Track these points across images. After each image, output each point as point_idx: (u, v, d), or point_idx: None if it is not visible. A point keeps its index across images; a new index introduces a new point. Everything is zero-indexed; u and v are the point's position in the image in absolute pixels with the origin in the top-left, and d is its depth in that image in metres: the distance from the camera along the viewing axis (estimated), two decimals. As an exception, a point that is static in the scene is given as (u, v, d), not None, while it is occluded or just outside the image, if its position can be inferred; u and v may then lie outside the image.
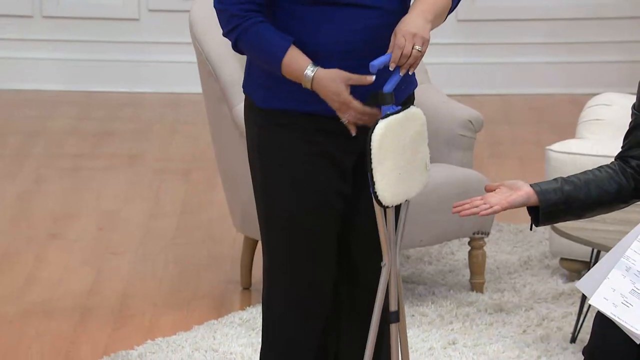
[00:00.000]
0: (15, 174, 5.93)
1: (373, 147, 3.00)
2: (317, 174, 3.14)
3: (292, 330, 3.24)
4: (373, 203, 3.08)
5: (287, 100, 3.12)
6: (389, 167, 3.05)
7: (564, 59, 7.22)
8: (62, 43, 7.27)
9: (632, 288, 2.99)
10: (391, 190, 3.05)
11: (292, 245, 3.19)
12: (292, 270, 3.20)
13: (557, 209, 3.11)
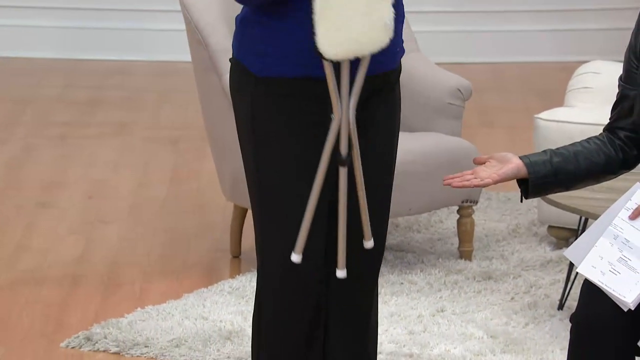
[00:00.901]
0: (3, 142, 5.93)
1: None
2: (312, 142, 3.11)
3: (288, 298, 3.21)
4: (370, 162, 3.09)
5: (283, 66, 3.07)
6: (333, 16, 2.92)
7: (554, 26, 7.22)
8: (51, 10, 7.25)
9: (619, 256, 2.99)
10: (334, 41, 2.92)
11: (286, 212, 3.16)
12: (286, 238, 3.18)
13: (546, 181, 3.12)
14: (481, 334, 4.05)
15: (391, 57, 3.15)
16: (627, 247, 3.00)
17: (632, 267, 2.97)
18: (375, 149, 3.20)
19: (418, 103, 4.63)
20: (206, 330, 4.07)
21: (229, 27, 4.44)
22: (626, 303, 2.95)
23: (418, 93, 4.65)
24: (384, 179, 3.25)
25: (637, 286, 2.95)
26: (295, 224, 3.14)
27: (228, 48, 4.42)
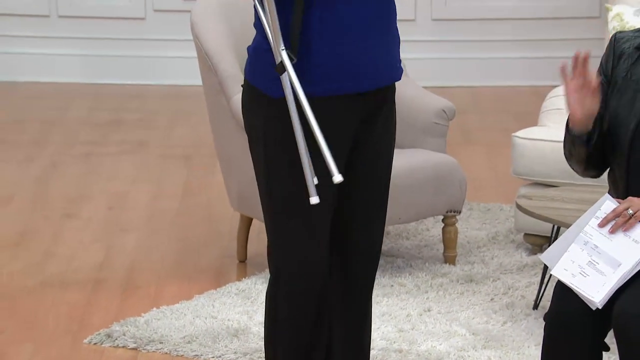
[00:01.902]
0: (33, 159, 5.93)
1: None
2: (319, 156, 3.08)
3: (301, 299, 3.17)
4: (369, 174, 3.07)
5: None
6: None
7: (527, 54, 7.23)
8: (76, 40, 7.25)
9: (589, 260, 2.99)
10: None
11: (297, 222, 3.11)
12: (298, 245, 3.13)
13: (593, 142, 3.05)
14: (464, 331, 4.04)
15: (395, 70, 3.13)
16: (596, 253, 2.99)
17: (600, 271, 2.97)
18: (374, 163, 3.19)
19: (407, 123, 4.62)
20: (215, 328, 4.06)
21: (236, 55, 4.44)
22: (594, 303, 2.95)
23: (407, 114, 4.64)
24: (382, 191, 3.24)
25: (604, 287, 2.95)
26: (306, 231, 3.11)
27: (235, 74, 4.43)
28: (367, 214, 3.20)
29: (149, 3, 7.22)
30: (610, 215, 3.01)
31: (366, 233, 3.22)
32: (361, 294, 3.27)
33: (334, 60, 3.02)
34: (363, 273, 3.25)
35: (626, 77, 3.09)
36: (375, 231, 3.24)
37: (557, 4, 7.18)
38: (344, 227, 3.19)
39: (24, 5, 7.19)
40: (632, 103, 3.06)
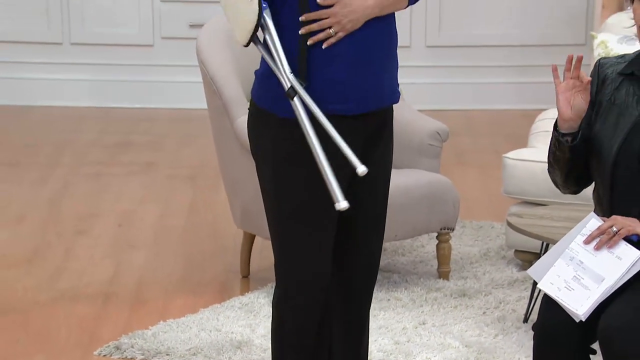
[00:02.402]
0: (46, 180, 5.93)
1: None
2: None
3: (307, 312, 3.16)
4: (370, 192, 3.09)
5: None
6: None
7: (517, 79, 7.24)
8: (87, 66, 7.27)
9: (574, 275, 2.99)
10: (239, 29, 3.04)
11: (305, 239, 3.10)
12: (305, 261, 3.12)
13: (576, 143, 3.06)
14: (457, 344, 4.04)
15: (395, 93, 3.15)
16: (581, 268, 3.00)
17: (584, 285, 2.97)
18: (375, 181, 3.19)
19: (403, 144, 4.63)
20: (219, 340, 4.06)
21: (240, 79, 4.45)
22: (578, 315, 2.95)
23: (403, 135, 4.65)
24: (382, 209, 3.24)
25: (588, 301, 2.95)
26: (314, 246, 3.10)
27: (239, 97, 4.44)
28: (368, 231, 3.21)
29: (157, 31, 7.24)
30: (595, 232, 3.01)
31: (367, 249, 3.22)
32: (360, 307, 3.27)
33: (341, 82, 3.03)
34: (363, 287, 3.25)
35: (609, 100, 3.10)
36: (375, 247, 3.24)
37: (545, 31, 7.19)
38: (345, 243, 3.19)
39: (38, 34, 7.21)
40: (615, 126, 3.06)
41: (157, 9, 7.21)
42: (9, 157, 6.31)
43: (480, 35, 7.21)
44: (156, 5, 7.20)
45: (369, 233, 3.21)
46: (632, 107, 3.05)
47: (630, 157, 3.02)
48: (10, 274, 4.72)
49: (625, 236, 3.00)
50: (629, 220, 3.00)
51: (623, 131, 3.03)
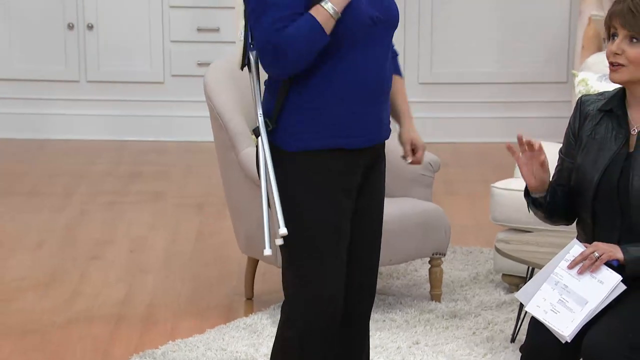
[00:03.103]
0: (63, 208, 5.92)
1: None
2: (337, 206, 3.05)
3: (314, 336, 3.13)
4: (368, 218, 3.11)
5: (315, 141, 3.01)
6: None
7: (503, 114, 7.25)
8: (102, 102, 7.27)
9: (559, 298, 2.98)
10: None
11: (316, 267, 3.07)
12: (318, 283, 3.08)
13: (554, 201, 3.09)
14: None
15: (389, 127, 3.18)
16: (566, 292, 2.99)
17: (569, 308, 2.96)
18: (372, 208, 3.18)
19: (397, 174, 4.62)
20: (225, 359, 4.03)
21: (244, 114, 4.45)
22: (564, 336, 2.94)
23: (397, 166, 4.63)
24: (379, 233, 3.23)
25: (572, 323, 2.94)
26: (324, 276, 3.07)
27: (244, 131, 4.43)
28: (368, 256, 3.20)
29: (167, 69, 7.25)
30: (579, 258, 3.00)
31: (368, 272, 3.21)
32: (361, 327, 3.25)
33: (346, 118, 3.02)
34: (364, 308, 3.23)
35: (590, 136, 3.10)
36: (374, 270, 3.23)
37: (529, 70, 7.21)
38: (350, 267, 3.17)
39: (57, 73, 7.22)
40: (596, 159, 3.06)
41: (168, 49, 7.22)
42: (29, 187, 6.30)
43: (469, 73, 7.22)
44: (166, 45, 7.22)
45: (369, 257, 3.20)
46: (610, 142, 3.05)
47: (609, 189, 3.02)
48: (29, 296, 4.69)
49: (607, 261, 2.99)
50: (609, 246, 3.00)
51: (602, 165, 3.03)
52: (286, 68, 2.92)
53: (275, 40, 2.88)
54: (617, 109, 3.07)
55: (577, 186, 3.09)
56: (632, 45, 2.95)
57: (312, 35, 2.90)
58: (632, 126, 3.06)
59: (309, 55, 2.92)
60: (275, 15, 2.89)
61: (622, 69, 2.97)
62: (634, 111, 3.06)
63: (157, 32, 7.20)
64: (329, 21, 2.91)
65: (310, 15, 2.90)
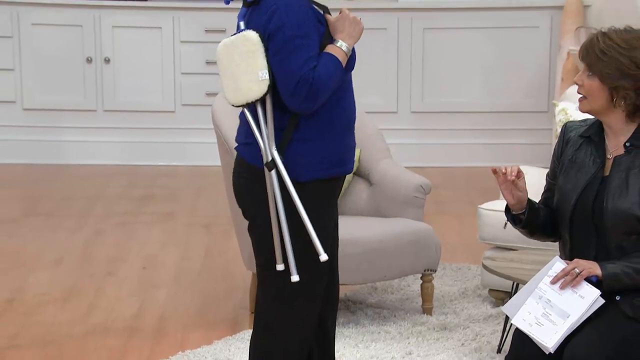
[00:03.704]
0: (80, 228, 5.90)
1: (216, 59, 2.99)
2: (332, 222, 3.10)
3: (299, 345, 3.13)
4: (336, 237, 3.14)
5: (316, 172, 3.03)
6: (227, 75, 2.95)
7: (489, 141, 7.25)
8: (117, 130, 7.27)
9: (543, 312, 2.96)
10: (232, 93, 2.96)
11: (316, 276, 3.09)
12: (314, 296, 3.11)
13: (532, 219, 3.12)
14: (439, 371, 3.99)
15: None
16: (549, 306, 2.97)
17: (552, 321, 2.95)
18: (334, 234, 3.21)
19: (391, 196, 4.61)
20: (231, 368, 4.00)
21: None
22: (547, 348, 2.92)
23: (391, 189, 4.63)
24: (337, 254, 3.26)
25: (556, 335, 2.92)
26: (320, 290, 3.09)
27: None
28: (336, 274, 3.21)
29: (178, 99, 7.25)
30: (560, 274, 2.99)
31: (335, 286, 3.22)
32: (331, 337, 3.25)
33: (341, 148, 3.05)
34: (333, 318, 3.24)
35: (571, 159, 3.11)
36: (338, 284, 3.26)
37: (513, 100, 7.21)
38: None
39: (76, 103, 7.23)
40: (574, 182, 3.07)
41: (179, 81, 7.23)
42: (48, 208, 6.28)
43: (458, 102, 7.22)
44: (177, 77, 7.22)
45: (335, 272, 3.23)
46: (589, 166, 3.06)
47: (585, 210, 3.03)
48: (48, 310, 4.67)
49: (586, 277, 2.97)
50: (589, 263, 3.00)
51: (580, 187, 3.04)
52: (317, 103, 2.97)
53: (310, 79, 2.91)
54: (595, 135, 3.10)
55: (558, 206, 3.10)
56: (588, 78, 3.03)
57: (338, 72, 2.97)
58: (609, 152, 3.07)
59: (333, 90, 2.98)
60: (306, 55, 2.91)
61: (584, 101, 3.06)
62: (610, 138, 3.08)
63: (168, 65, 7.21)
64: (344, 59, 2.99)
65: (331, 54, 2.95)
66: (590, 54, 3.00)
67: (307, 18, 2.93)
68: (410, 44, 7.13)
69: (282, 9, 2.91)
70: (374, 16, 7.06)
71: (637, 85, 2.97)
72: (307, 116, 2.98)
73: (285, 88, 2.93)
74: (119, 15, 7.16)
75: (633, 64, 2.95)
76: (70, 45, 7.17)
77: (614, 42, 2.96)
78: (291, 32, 2.90)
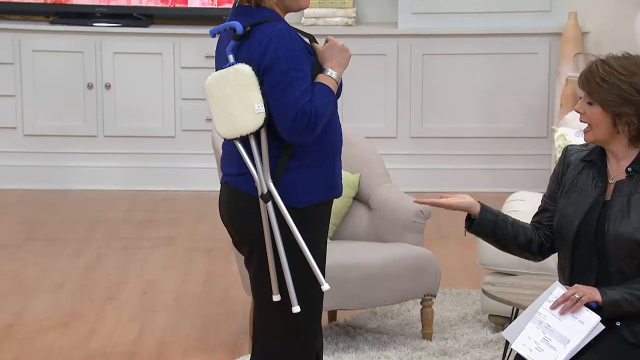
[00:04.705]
0: (81, 253, 5.89)
1: (205, 93, 2.98)
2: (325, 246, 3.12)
3: None
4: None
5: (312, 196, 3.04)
6: (219, 108, 2.93)
7: (488, 166, 7.25)
8: (118, 155, 7.27)
9: (543, 337, 2.96)
10: (224, 126, 2.94)
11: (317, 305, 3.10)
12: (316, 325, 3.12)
13: (486, 227, 3.13)
14: (439, 396, 3.97)
15: None
16: (549, 331, 2.96)
17: (552, 346, 2.94)
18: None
19: (390, 221, 4.60)
20: (231, 394, 3.98)
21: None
22: (547, 372, 2.91)
23: (390, 214, 4.63)
24: None
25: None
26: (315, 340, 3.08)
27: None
28: None
29: (178, 124, 7.26)
30: (560, 299, 2.99)
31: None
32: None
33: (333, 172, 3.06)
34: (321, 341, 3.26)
35: (572, 183, 3.11)
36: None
37: (512, 126, 7.22)
38: None
39: (77, 128, 7.23)
40: (576, 206, 3.06)
41: (179, 106, 7.24)
42: (50, 233, 6.28)
43: (457, 128, 7.23)
44: (178, 103, 7.24)
45: None
46: (591, 190, 3.06)
47: (587, 234, 3.02)
48: (49, 335, 4.65)
49: (587, 303, 2.96)
50: (589, 288, 2.99)
51: (582, 211, 3.04)
52: (315, 133, 2.98)
53: (308, 111, 2.92)
54: (597, 160, 3.10)
55: (558, 229, 3.09)
56: (590, 106, 3.04)
57: (331, 101, 3.00)
58: (611, 176, 3.07)
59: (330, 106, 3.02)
60: (302, 87, 2.92)
61: (589, 132, 3.07)
62: (612, 163, 3.08)
63: (169, 91, 7.22)
64: (335, 87, 3.02)
65: (323, 84, 2.96)
66: (591, 82, 3.00)
67: (300, 49, 2.94)
68: (410, 70, 7.15)
69: (275, 42, 2.91)
70: (374, 42, 7.08)
71: (639, 111, 2.97)
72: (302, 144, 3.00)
73: (284, 121, 2.93)
74: (120, 42, 7.18)
75: (634, 89, 2.96)
76: (71, 72, 7.18)
77: (613, 69, 2.97)
78: (286, 64, 2.90)
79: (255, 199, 3.04)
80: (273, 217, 2.97)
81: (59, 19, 7.21)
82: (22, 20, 7.28)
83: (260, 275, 3.08)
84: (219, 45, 3.11)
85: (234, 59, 2.99)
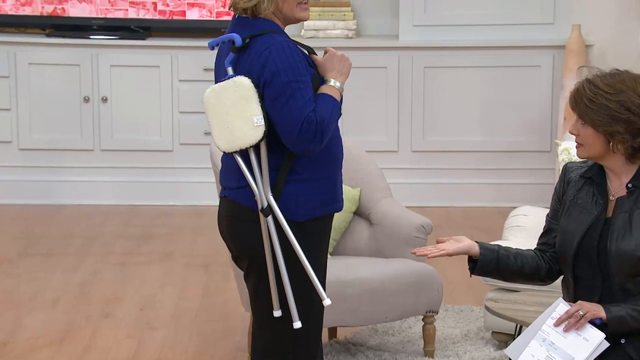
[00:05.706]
0: (77, 268, 5.88)
1: (204, 106, 2.99)
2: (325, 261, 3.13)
3: None
4: None
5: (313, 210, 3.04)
6: (218, 122, 2.93)
7: (491, 181, 7.25)
8: (115, 169, 7.27)
9: (546, 355, 2.95)
10: (224, 140, 2.94)
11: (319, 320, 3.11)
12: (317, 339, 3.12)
13: (490, 265, 3.12)
14: (441, 415, 3.96)
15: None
16: (553, 348, 2.96)
17: (556, 363, 2.93)
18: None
19: (392, 236, 4.60)
20: (229, 412, 3.97)
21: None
22: (551, 390, 2.90)
23: (391, 228, 4.62)
24: None
25: (560, 378, 2.91)
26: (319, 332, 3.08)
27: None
28: None
29: (176, 138, 7.26)
30: (564, 316, 2.98)
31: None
32: None
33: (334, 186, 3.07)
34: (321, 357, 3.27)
35: (573, 200, 3.12)
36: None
37: (516, 139, 7.22)
38: None
39: (73, 142, 7.24)
40: (577, 223, 3.07)
41: (177, 120, 7.25)
42: (46, 248, 6.27)
43: (459, 141, 7.24)
44: (175, 116, 7.24)
45: None
46: (591, 206, 3.07)
47: (589, 251, 3.03)
48: (43, 352, 4.65)
49: (590, 319, 2.96)
50: (593, 305, 2.99)
51: (583, 229, 3.04)
52: (323, 143, 2.99)
53: (314, 120, 2.93)
54: (597, 176, 3.11)
55: (560, 248, 3.10)
56: (583, 127, 3.07)
57: (337, 111, 3.01)
58: (611, 193, 3.07)
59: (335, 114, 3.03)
60: (305, 98, 2.92)
61: (582, 148, 3.08)
62: (611, 180, 3.09)
63: (166, 104, 7.23)
64: (339, 97, 3.03)
65: (327, 95, 2.97)
66: (580, 104, 3.03)
67: (300, 61, 2.95)
68: (411, 83, 7.16)
69: (275, 55, 2.92)
70: (375, 55, 7.10)
71: (630, 128, 2.99)
72: (301, 157, 2.99)
73: (290, 132, 2.93)
74: (117, 54, 7.19)
75: (622, 107, 2.97)
76: (67, 85, 7.19)
77: (599, 88, 2.99)
78: (287, 77, 2.91)
79: (255, 212, 3.04)
80: (273, 231, 2.96)
81: (55, 31, 7.22)
82: (18, 33, 7.29)
83: (260, 291, 3.07)
84: (217, 57, 3.11)
85: (233, 71, 2.99)
